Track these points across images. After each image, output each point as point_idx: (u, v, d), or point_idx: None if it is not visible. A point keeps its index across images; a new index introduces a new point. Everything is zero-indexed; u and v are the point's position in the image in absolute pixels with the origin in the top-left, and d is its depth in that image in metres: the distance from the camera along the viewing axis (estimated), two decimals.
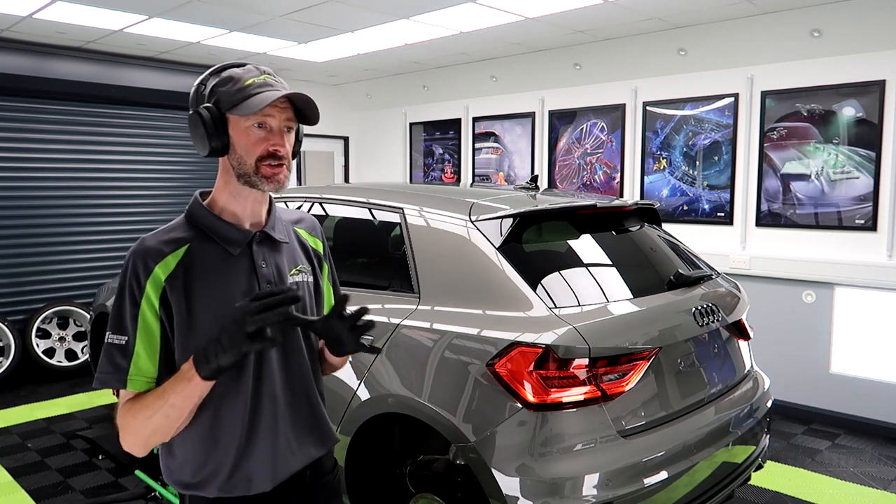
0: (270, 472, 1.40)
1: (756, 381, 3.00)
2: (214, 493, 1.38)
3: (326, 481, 1.56)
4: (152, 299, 1.31)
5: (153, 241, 1.35)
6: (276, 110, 1.34)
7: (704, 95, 5.15)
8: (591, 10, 4.62)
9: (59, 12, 4.78)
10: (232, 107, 1.34)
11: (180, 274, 1.33)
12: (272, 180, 1.35)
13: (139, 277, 1.31)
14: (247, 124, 1.34)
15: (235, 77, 1.36)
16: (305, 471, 1.49)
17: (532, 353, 2.18)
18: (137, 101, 6.45)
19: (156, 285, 1.31)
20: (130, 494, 3.60)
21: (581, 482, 2.15)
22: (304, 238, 1.57)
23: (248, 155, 1.34)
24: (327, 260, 1.63)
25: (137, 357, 1.30)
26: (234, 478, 1.38)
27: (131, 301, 1.31)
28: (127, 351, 1.30)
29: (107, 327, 1.34)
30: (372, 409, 2.54)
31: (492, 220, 2.52)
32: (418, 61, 6.49)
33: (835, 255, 4.60)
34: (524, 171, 6.37)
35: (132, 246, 1.35)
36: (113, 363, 1.30)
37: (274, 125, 1.35)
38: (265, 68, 1.41)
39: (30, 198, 5.93)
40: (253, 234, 1.42)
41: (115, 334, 1.31)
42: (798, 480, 3.81)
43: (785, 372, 4.69)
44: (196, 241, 1.37)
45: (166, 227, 1.40)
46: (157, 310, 1.31)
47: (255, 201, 1.42)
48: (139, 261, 1.32)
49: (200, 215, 1.41)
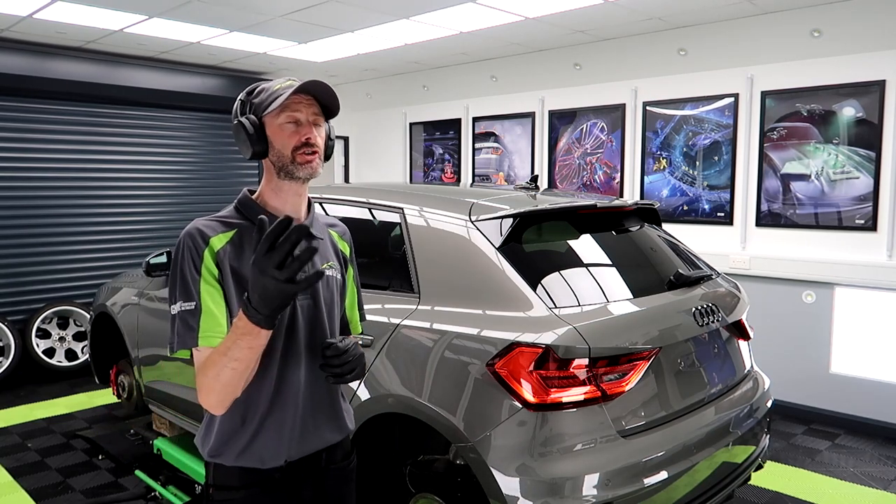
0: (286, 449, 1.53)
1: (756, 381, 3.00)
2: (232, 462, 1.51)
3: (341, 467, 1.67)
4: (210, 266, 1.45)
5: (206, 221, 1.51)
6: (301, 105, 1.50)
7: (704, 95, 5.15)
8: (591, 10, 4.62)
9: (59, 12, 4.78)
10: (265, 110, 1.50)
11: (230, 250, 1.48)
12: (306, 166, 1.50)
13: (198, 248, 1.45)
14: (279, 122, 1.50)
15: (266, 87, 1.55)
16: (321, 454, 1.61)
17: (532, 353, 2.18)
18: (137, 101, 6.45)
19: (211, 254, 1.46)
20: (130, 494, 3.60)
21: (581, 482, 2.15)
22: (336, 240, 1.73)
23: (285, 148, 1.50)
24: (353, 264, 1.78)
25: (206, 316, 1.42)
26: (250, 449, 1.51)
27: (193, 270, 1.44)
28: (196, 313, 1.42)
29: (170, 300, 1.45)
30: (372, 409, 2.54)
31: (492, 220, 2.52)
32: (418, 61, 6.49)
33: (835, 255, 4.60)
34: (524, 171, 6.37)
35: (186, 227, 1.49)
36: (186, 325, 1.42)
37: (302, 118, 1.50)
38: (293, 78, 1.56)
39: (30, 198, 5.93)
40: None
41: (184, 301, 1.43)
42: (798, 480, 3.81)
43: (785, 372, 4.69)
44: (244, 228, 1.51)
45: (217, 214, 1.56)
46: (216, 275, 1.46)
47: (294, 195, 1.55)
48: (196, 234, 1.46)
49: (248, 205, 1.55)
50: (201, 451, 1.57)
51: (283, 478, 1.55)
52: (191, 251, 1.45)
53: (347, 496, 1.71)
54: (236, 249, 1.48)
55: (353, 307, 1.80)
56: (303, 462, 1.57)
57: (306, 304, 1.56)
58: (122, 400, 4.63)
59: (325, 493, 1.63)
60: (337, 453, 1.66)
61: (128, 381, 4.48)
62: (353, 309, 1.79)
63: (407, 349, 2.49)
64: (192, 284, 1.44)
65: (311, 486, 1.60)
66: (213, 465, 1.55)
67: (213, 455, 1.54)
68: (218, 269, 1.46)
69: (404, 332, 2.51)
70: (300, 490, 1.58)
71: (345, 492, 1.70)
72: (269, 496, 1.54)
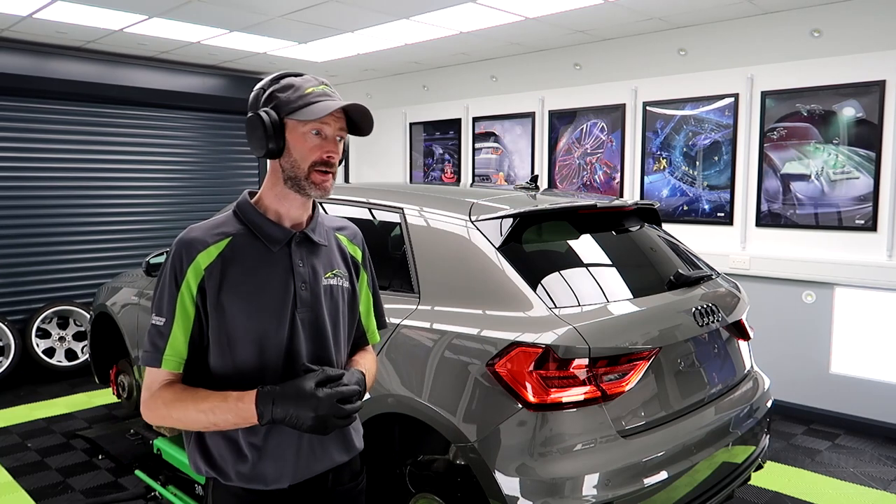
0: (291, 471, 1.45)
1: (756, 381, 3.00)
2: (232, 482, 1.43)
3: (349, 488, 1.58)
4: (191, 285, 1.38)
5: (199, 232, 1.43)
6: (331, 119, 1.41)
7: (704, 95, 5.15)
8: (591, 10, 4.62)
9: (59, 12, 4.78)
10: (291, 112, 1.40)
11: (219, 263, 1.40)
12: (320, 187, 1.42)
13: (182, 263, 1.39)
14: (304, 130, 1.40)
15: (296, 85, 1.43)
16: (328, 475, 1.52)
17: (532, 353, 2.18)
18: (137, 101, 6.45)
19: (196, 272, 1.38)
20: (130, 494, 3.60)
21: (581, 482, 2.15)
22: (345, 245, 1.61)
23: (303, 160, 1.41)
24: (367, 269, 1.67)
25: (174, 338, 1.38)
26: (251, 472, 1.42)
27: (173, 285, 1.39)
28: (164, 332, 1.38)
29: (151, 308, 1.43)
30: (372, 409, 2.54)
31: (492, 220, 2.52)
32: (418, 61, 6.49)
33: (835, 255, 4.60)
34: (524, 171, 6.37)
35: (180, 234, 1.44)
36: (153, 343, 1.39)
37: (328, 133, 1.41)
38: (322, 79, 1.48)
39: (30, 198, 5.93)
40: (293, 234, 1.48)
41: (157, 316, 1.40)
42: (798, 480, 3.81)
43: (785, 372, 4.69)
44: (239, 235, 1.44)
45: (214, 220, 1.49)
46: (195, 295, 1.39)
47: (300, 205, 1.48)
48: (184, 248, 1.40)
49: (247, 211, 1.48)
50: (195, 469, 1.48)
51: (286, 500, 1.46)
52: (176, 264, 1.40)
53: None
54: (225, 263, 1.40)
55: (369, 314, 1.68)
56: (308, 483, 1.48)
57: (307, 317, 1.46)
58: (122, 400, 4.63)
59: None
60: (344, 474, 1.56)
61: (128, 381, 4.48)
62: (368, 317, 1.68)
63: (407, 349, 2.49)
64: (168, 300, 1.39)
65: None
66: (212, 485, 1.48)
67: (211, 471, 1.45)
68: (203, 288, 1.39)
69: (404, 331, 2.51)
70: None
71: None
72: None
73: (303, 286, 1.46)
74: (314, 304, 1.48)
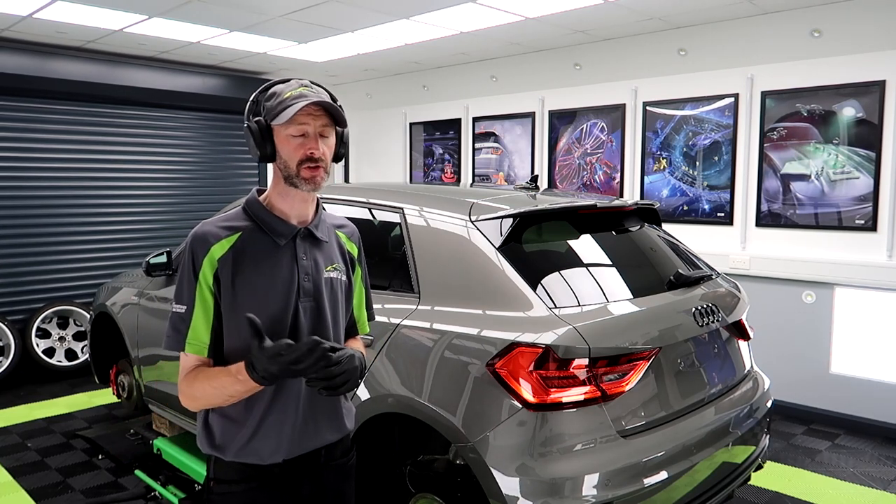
0: (286, 447, 1.56)
1: (756, 381, 3.00)
2: (231, 457, 1.55)
3: (340, 464, 1.70)
4: (207, 275, 1.50)
5: (212, 226, 1.55)
6: (309, 118, 1.49)
7: (704, 95, 5.15)
8: (591, 10, 4.62)
9: (59, 12, 4.78)
10: (273, 118, 1.50)
11: (231, 256, 1.51)
12: (310, 182, 1.52)
13: (198, 255, 1.50)
14: (286, 132, 1.50)
15: (277, 92, 1.54)
16: (320, 451, 1.64)
17: (532, 353, 2.18)
18: (138, 101, 6.45)
19: (211, 263, 1.50)
20: (130, 494, 3.60)
21: (581, 482, 2.15)
22: (343, 241, 1.74)
23: (291, 159, 1.51)
24: (361, 265, 1.79)
25: (194, 324, 1.50)
26: (249, 447, 1.54)
27: (192, 275, 1.50)
28: (186, 318, 1.50)
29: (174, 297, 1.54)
30: (372, 409, 2.54)
31: (492, 220, 2.52)
32: (418, 61, 6.49)
33: (835, 255, 4.60)
34: (524, 171, 6.37)
35: (193, 229, 1.55)
36: (175, 328, 1.51)
37: (310, 131, 1.50)
38: (304, 81, 1.57)
39: (30, 198, 5.93)
40: (298, 229, 1.59)
41: (178, 304, 1.52)
42: (798, 480, 3.81)
43: (785, 372, 4.69)
44: (249, 230, 1.56)
45: (224, 216, 1.59)
46: (211, 285, 1.50)
47: (301, 201, 1.59)
48: (199, 241, 1.52)
49: (255, 208, 1.59)
50: (200, 446, 1.60)
51: (281, 473, 1.58)
52: (192, 257, 1.51)
53: (347, 492, 1.73)
54: (238, 255, 1.52)
55: (361, 307, 1.81)
56: (302, 459, 1.60)
57: (309, 306, 1.58)
58: (122, 400, 4.63)
59: (324, 489, 1.65)
60: (336, 450, 1.69)
61: (128, 380, 4.48)
62: (360, 308, 1.81)
63: (407, 349, 2.49)
64: (188, 289, 1.51)
65: (309, 483, 1.62)
66: (214, 459, 1.59)
67: (212, 450, 1.57)
68: (217, 277, 1.50)
69: (404, 332, 2.51)
70: (299, 486, 1.61)
71: (344, 488, 1.72)
72: (267, 491, 1.57)
73: (306, 277, 1.57)
74: (316, 294, 1.59)
